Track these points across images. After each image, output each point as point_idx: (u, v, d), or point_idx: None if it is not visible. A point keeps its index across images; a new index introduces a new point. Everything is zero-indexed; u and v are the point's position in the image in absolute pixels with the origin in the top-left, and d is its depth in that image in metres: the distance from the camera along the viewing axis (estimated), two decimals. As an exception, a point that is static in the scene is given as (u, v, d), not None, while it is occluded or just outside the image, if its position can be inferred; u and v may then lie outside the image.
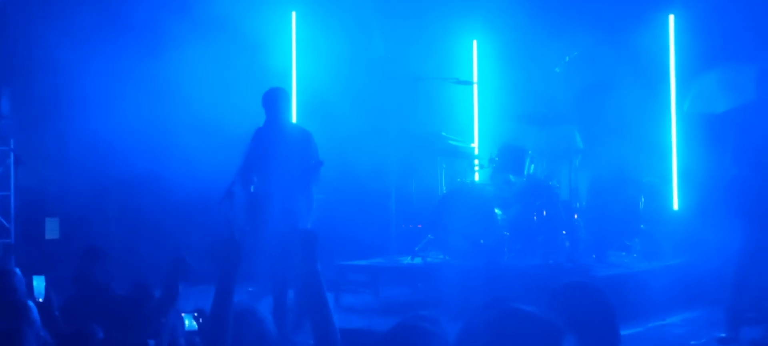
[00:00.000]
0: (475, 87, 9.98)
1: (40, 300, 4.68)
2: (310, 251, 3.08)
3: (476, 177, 8.97)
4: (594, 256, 8.10)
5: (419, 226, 8.93)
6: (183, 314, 4.49)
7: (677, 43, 8.92)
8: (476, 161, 8.87)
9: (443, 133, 8.74)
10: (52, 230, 9.42)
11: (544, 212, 8.04)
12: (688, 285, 7.81)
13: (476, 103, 10.08)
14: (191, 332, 3.93)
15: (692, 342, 6.69)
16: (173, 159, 9.00)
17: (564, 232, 7.99)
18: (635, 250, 8.27)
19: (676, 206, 8.90)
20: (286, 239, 6.50)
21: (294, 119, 9.12)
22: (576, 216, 8.06)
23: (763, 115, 6.11)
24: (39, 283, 4.81)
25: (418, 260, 8.37)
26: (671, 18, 8.95)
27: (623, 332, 6.80)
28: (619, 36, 8.49)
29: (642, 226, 8.34)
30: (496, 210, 8.14)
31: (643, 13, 8.81)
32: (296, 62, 10.12)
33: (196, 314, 4.32)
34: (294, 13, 10.13)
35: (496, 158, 8.33)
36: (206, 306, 3.56)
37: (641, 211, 8.34)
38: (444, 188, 8.74)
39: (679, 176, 8.91)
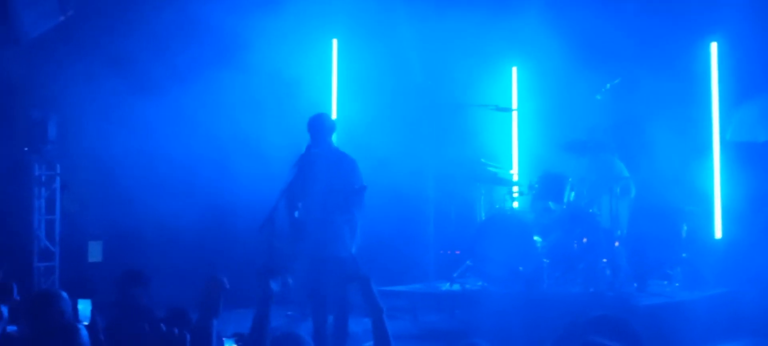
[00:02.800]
0: (515, 114, 9.97)
1: (86, 323, 4.74)
2: (368, 292, 3.23)
3: (515, 204, 8.94)
4: (635, 285, 8.01)
5: (458, 252, 8.92)
6: (224, 339, 4.53)
7: (720, 71, 8.84)
8: (515, 188, 8.84)
9: (483, 160, 8.74)
10: (95, 253, 9.56)
11: (584, 240, 7.99)
12: (732, 315, 7.69)
13: (515, 130, 10.07)
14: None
15: (736, 373, 6.59)
16: (216, 183, 9.10)
17: (605, 260, 7.92)
18: (677, 279, 8.18)
19: (718, 235, 8.78)
20: (327, 264, 6.52)
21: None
22: (617, 244, 8.00)
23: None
24: (84, 306, 4.88)
25: (456, 287, 8.36)
26: (714, 46, 8.88)
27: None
28: (661, 63, 8.45)
29: (684, 254, 8.25)
30: (536, 237, 8.11)
31: (685, 40, 8.76)
32: (337, 88, 10.19)
33: (236, 339, 4.36)
34: (335, 41, 10.23)
35: (536, 185, 8.30)
36: (246, 330, 3.60)
37: (683, 239, 8.25)
38: (483, 215, 8.73)
39: (722, 205, 8.80)
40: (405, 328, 8.11)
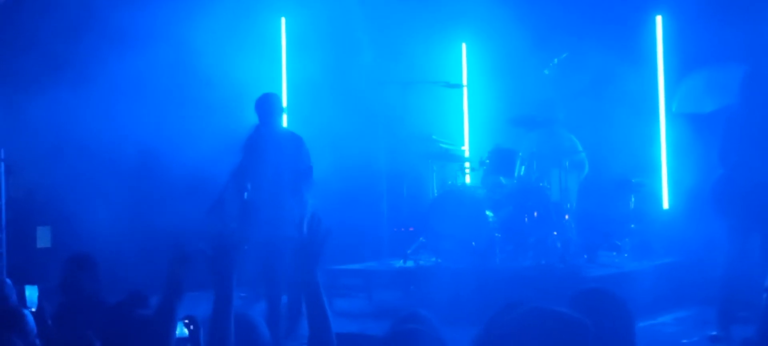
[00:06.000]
0: (465, 90, 10.02)
1: (33, 310, 4.67)
2: (311, 260, 2.94)
3: (467, 180, 9.00)
4: (585, 256, 8.14)
5: (411, 229, 8.95)
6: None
7: (665, 44, 8.97)
8: (467, 164, 8.90)
9: (434, 137, 8.77)
10: (43, 238, 9.40)
11: (535, 214, 8.08)
12: (679, 284, 7.86)
13: (466, 106, 10.12)
14: (182, 340, 3.90)
15: (684, 341, 6.73)
16: (167, 166, 8.98)
17: (555, 233, 8.03)
18: (626, 250, 8.32)
19: (666, 206, 8.95)
20: (279, 244, 6.51)
21: (285, 124, 9.12)
22: (567, 217, 8.10)
23: (748, 117, 6.17)
24: (31, 292, 4.80)
25: (410, 264, 8.40)
26: (659, 19, 9.00)
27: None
28: (607, 37, 8.54)
29: (632, 226, 8.40)
30: (488, 212, 8.17)
31: (631, 14, 8.86)
32: (286, 68, 10.13)
33: (186, 321, 4.30)
34: (283, 19, 10.15)
35: (487, 161, 8.36)
36: (196, 313, 3.55)
37: (631, 211, 8.39)
38: (435, 191, 8.76)
39: (669, 176, 8.96)
40: (360, 306, 8.13)
